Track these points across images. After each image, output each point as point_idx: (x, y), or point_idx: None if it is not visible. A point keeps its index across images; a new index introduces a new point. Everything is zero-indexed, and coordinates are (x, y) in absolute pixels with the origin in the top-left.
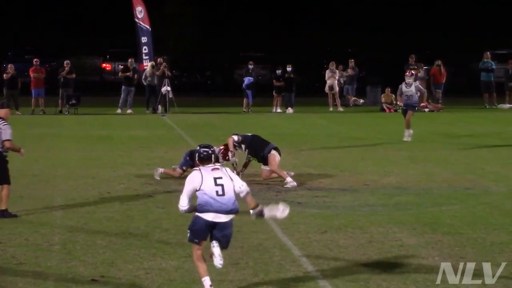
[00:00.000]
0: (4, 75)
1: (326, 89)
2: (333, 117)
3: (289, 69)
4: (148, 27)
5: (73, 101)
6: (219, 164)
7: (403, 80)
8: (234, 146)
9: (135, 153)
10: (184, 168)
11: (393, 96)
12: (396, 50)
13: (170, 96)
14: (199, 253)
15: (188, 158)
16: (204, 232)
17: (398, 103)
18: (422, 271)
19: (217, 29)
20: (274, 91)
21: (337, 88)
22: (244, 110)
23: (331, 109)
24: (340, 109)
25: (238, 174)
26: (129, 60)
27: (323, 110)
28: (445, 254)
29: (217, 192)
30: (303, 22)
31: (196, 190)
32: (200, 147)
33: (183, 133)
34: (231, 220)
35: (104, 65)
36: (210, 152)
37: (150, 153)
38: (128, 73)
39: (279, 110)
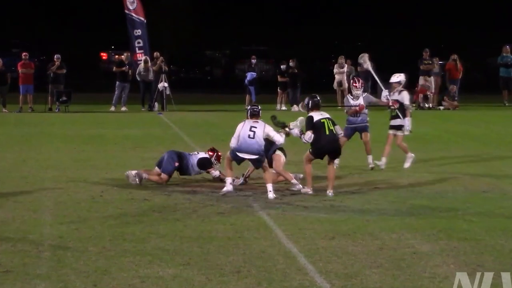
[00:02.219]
0: None
1: (335, 85)
2: (342, 115)
3: (292, 64)
4: (142, 19)
5: (64, 98)
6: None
7: (418, 74)
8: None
9: (130, 154)
10: (171, 172)
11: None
12: (409, 44)
13: (168, 93)
14: None
15: (176, 163)
16: None
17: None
18: (436, 280)
19: (217, 21)
20: (278, 87)
21: (346, 84)
22: (247, 107)
23: (339, 106)
24: None
25: (244, 177)
26: (125, 54)
27: (331, 108)
28: (461, 262)
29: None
30: (309, 14)
31: None
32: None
33: (180, 132)
34: None
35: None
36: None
37: (145, 154)
38: (123, 68)
39: (284, 108)
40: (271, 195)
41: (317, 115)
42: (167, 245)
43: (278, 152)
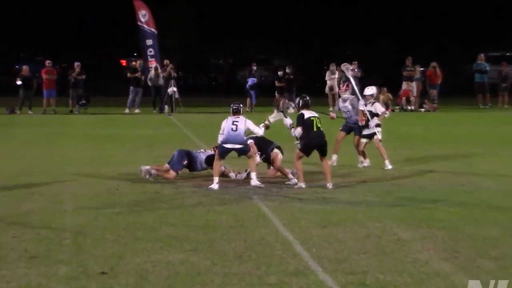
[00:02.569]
0: (18, 79)
1: (326, 89)
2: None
3: (288, 70)
4: (153, 30)
5: (83, 101)
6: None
7: (401, 80)
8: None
9: (142, 151)
10: (179, 171)
11: (390, 95)
12: (393, 52)
13: (176, 97)
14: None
15: (185, 161)
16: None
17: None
18: (417, 265)
19: (221, 32)
20: (276, 92)
21: (337, 89)
22: (248, 109)
23: (331, 109)
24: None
25: (247, 172)
26: (138, 61)
27: (323, 110)
28: (439, 248)
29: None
30: (304, 26)
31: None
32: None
33: (188, 132)
34: None
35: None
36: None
37: (156, 151)
38: (136, 74)
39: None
40: (253, 182)
41: (307, 113)
42: (176, 233)
43: (276, 150)
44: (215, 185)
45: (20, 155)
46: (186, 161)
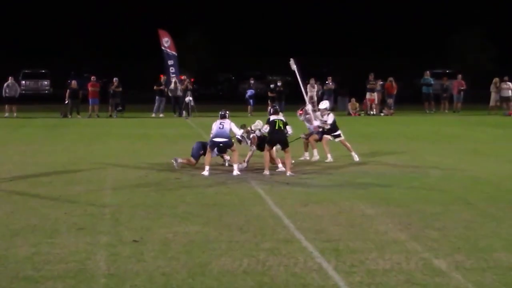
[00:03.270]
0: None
1: (308, 99)
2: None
3: (279, 83)
4: (174, 53)
5: (120, 108)
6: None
7: (366, 90)
8: (249, 132)
9: (165, 146)
10: (197, 158)
11: (357, 104)
12: (360, 69)
13: (192, 104)
14: None
15: (201, 151)
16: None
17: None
18: (379, 234)
19: (227, 53)
20: (268, 100)
21: (315, 98)
22: (249, 114)
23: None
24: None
25: (246, 161)
26: (162, 77)
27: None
28: (396, 222)
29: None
30: (290, 48)
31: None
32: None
33: (201, 131)
34: None
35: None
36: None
37: (176, 146)
38: (161, 87)
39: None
40: (235, 172)
41: (273, 117)
42: (192, 210)
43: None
44: (205, 172)
45: (71, 149)
46: (202, 151)
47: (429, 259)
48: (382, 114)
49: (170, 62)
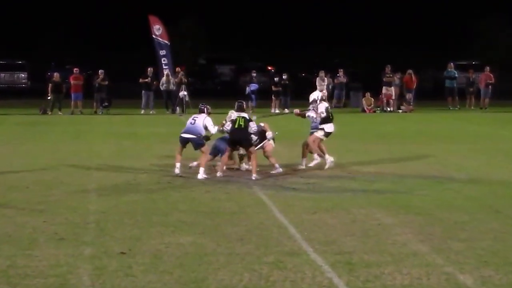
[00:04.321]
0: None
1: None
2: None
3: (284, 76)
4: (166, 41)
5: (106, 104)
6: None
7: (382, 84)
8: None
9: (156, 147)
10: (213, 155)
11: (372, 99)
12: (376, 61)
13: (187, 100)
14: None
15: (217, 147)
16: None
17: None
18: (397, 245)
19: (225, 42)
20: (272, 95)
21: (326, 93)
22: (251, 111)
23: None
24: None
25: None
26: (149, 68)
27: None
28: (416, 232)
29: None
30: (298, 38)
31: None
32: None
33: None
34: None
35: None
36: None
37: (168, 146)
38: (146, 80)
39: (277, 111)
40: (200, 176)
41: (235, 114)
42: (186, 218)
43: (270, 142)
44: (176, 170)
45: (51, 149)
46: (217, 147)
47: (453, 274)
48: (400, 111)
49: (162, 52)
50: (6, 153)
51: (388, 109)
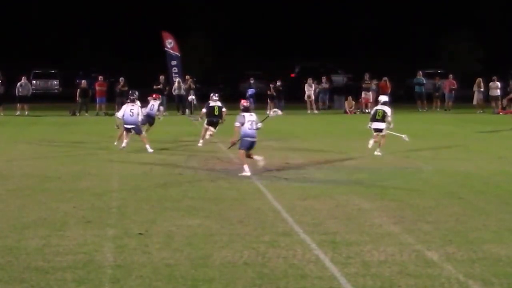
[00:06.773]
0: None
1: (306, 97)
2: (310, 117)
3: (278, 83)
4: (177, 53)
5: None
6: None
7: (361, 90)
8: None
9: (169, 142)
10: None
11: (353, 102)
12: (356, 70)
13: (195, 103)
14: None
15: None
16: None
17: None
18: (374, 227)
19: (228, 53)
20: (268, 99)
21: (313, 97)
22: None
23: (308, 111)
24: (315, 112)
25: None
26: (160, 76)
27: (303, 113)
28: (390, 215)
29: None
30: (289, 50)
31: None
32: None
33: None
34: None
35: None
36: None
37: (180, 142)
38: (159, 86)
39: (272, 113)
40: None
41: (212, 103)
42: (195, 204)
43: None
44: (123, 143)
45: (79, 146)
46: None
47: (421, 251)
48: None
49: (173, 63)
50: (40, 150)
51: (367, 110)
